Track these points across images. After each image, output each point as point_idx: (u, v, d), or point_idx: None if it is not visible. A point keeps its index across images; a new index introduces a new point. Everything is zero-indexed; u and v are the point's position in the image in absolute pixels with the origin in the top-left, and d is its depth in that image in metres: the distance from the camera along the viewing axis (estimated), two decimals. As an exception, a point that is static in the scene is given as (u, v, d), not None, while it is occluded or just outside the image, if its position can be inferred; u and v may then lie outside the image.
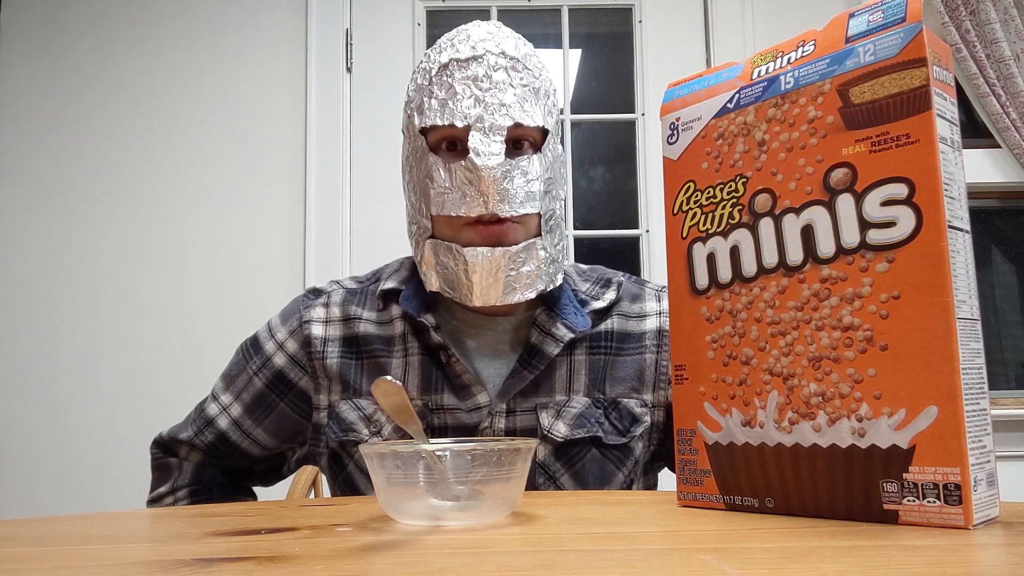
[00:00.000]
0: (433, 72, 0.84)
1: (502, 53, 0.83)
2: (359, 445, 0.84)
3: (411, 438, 0.59)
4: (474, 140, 0.80)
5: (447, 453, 0.52)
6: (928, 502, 0.45)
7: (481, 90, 0.81)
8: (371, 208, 2.07)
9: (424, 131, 0.84)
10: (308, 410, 0.91)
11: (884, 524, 0.46)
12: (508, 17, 2.17)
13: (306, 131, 2.06)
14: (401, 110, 2.09)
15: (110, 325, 2.00)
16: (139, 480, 1.93)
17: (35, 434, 1.96)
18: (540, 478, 0.84)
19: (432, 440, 0.61)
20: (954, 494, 0.44)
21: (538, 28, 2.19)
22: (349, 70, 2.10)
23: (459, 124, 0.81)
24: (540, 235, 0.85)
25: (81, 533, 0.53)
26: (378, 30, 2.13)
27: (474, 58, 0.82)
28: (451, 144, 0.83)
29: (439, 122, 0.81)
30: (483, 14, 2.16)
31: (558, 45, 2.16)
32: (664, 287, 0.95)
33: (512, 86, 0.82)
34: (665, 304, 0.93)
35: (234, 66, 2.09)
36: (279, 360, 0.91)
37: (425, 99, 0.83)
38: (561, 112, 2.13)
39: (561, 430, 0.84)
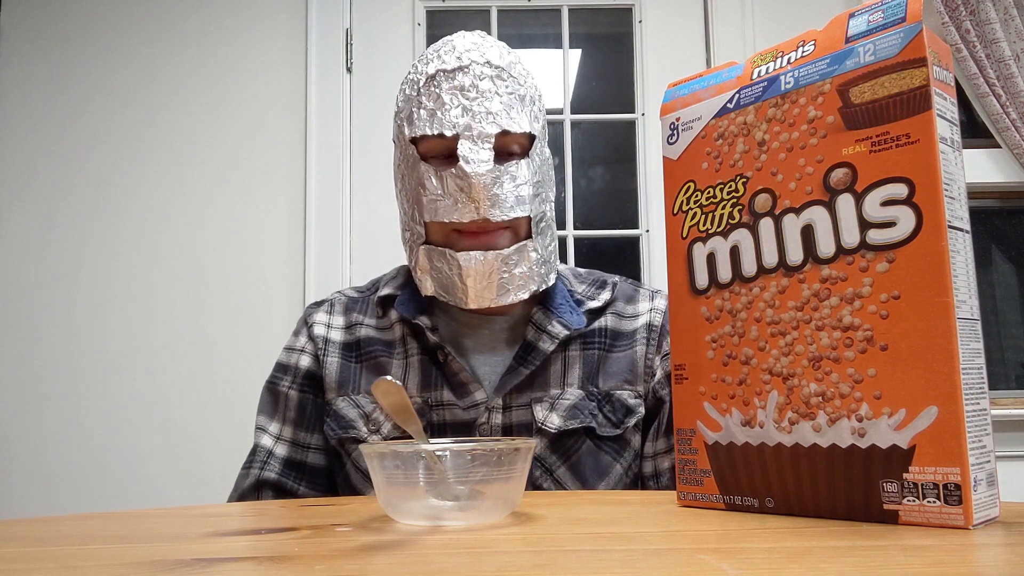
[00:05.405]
0: (421, 83, 0.86)
1: (487, 63, 0.86)
2: (358, 444, 0.85)
3: (409, 436, 0.59)
4: (463, 148, 0.83)
5: (447, 453, 0.52)
6: (928, 502, 0.45)
7: (468, 99, 0.84)
8: (371, 208, 2.07)
9: (414, 140, 0.86)
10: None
11: (884, 524, 0.46)
12: (508, 17, 2.17)
13: (306, 131, 2.06)
14: (401, 110, 2.10)
15: (110, 325, 2.00)
16: (138, 480, 1.94)
17: (35, 434, 1.96)
18: (536, 471, 0.85)
19: (432, 440, 0.61)
20: (954, 494, 0.44)
21: (538, 28, 2.19)
22: (349, 70, 2.10)
23: (448, 133, 0.83)
24: (531, 237, 0.87)
25: (81, 533, 0.53)
26: (378, 30, 2.13)
27: (460, 68, 0.85)
28: (442, 153, 0.86)
29: (428, 131, 0.84)
30: (483, 14, 2.16)
31: (558, 45, 2.16)
32: (658, 290, 0.98)
33: (498, 94, 0.85)
34: (658, 303, 0.96)
35: (234, 66, 2.09)
36: (304, 362, 0.93)
37: (414, 109, 0.86)
38: (555, 114, 2.13)
39: (555, 422, 0.86)
